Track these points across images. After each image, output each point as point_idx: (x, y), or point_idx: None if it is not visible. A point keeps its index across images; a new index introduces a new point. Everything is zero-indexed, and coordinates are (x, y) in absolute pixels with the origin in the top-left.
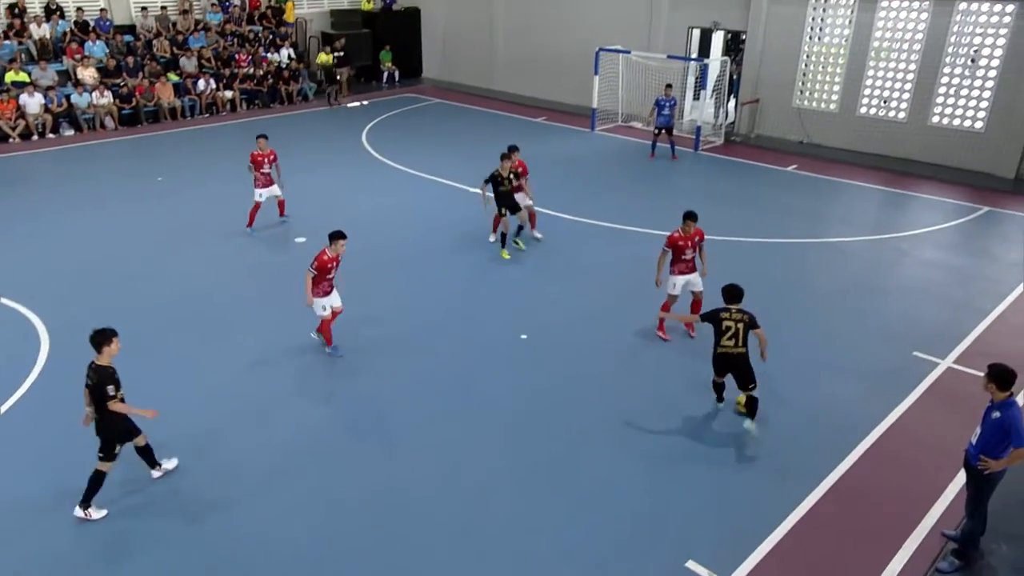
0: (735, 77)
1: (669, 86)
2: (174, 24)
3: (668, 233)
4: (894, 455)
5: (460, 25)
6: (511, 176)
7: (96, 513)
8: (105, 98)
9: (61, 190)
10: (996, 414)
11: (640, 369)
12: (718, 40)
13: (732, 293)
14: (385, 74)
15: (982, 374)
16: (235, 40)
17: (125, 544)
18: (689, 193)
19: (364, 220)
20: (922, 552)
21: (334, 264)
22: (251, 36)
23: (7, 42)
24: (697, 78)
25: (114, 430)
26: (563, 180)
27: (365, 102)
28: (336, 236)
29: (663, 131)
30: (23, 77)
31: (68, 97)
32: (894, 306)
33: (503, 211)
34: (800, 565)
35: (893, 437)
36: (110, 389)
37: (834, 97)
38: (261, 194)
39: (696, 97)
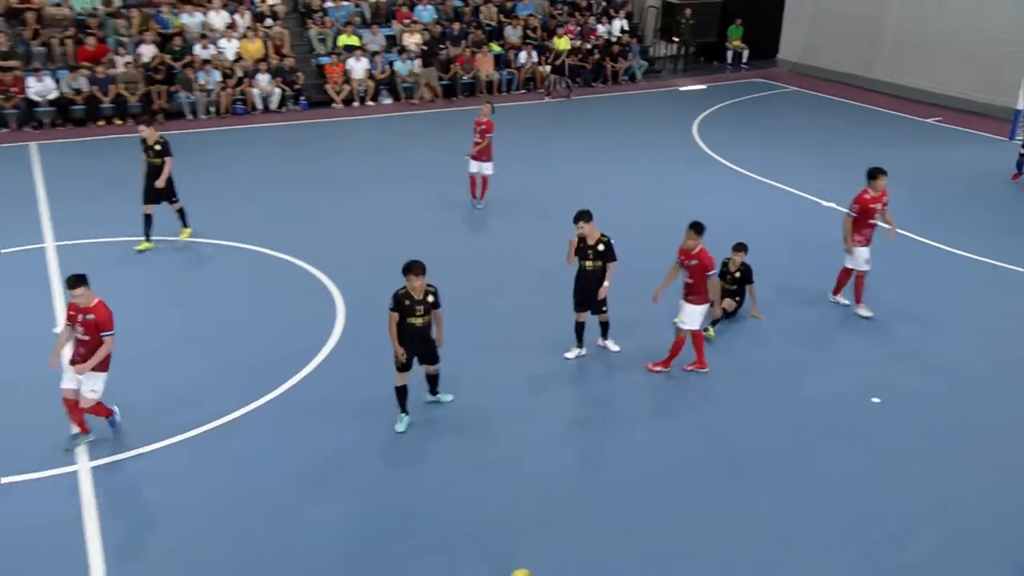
0: None
1: None
2: None
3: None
4: None
5: None
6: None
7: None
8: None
9: (371, 159)
10: None
11: None
12: None
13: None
14: (730, 53)
15: None
16: (565, 8)
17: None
18: None
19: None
20: None
21: None
22: (583, 3)
23: (345, 3)
24: None
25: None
26: (966, 208)
27: (703, 86)
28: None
29: None
30: (354, 41)
31: (391, 64)
32: None
33: None
34: None
35: None
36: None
37: None
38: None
39: None
